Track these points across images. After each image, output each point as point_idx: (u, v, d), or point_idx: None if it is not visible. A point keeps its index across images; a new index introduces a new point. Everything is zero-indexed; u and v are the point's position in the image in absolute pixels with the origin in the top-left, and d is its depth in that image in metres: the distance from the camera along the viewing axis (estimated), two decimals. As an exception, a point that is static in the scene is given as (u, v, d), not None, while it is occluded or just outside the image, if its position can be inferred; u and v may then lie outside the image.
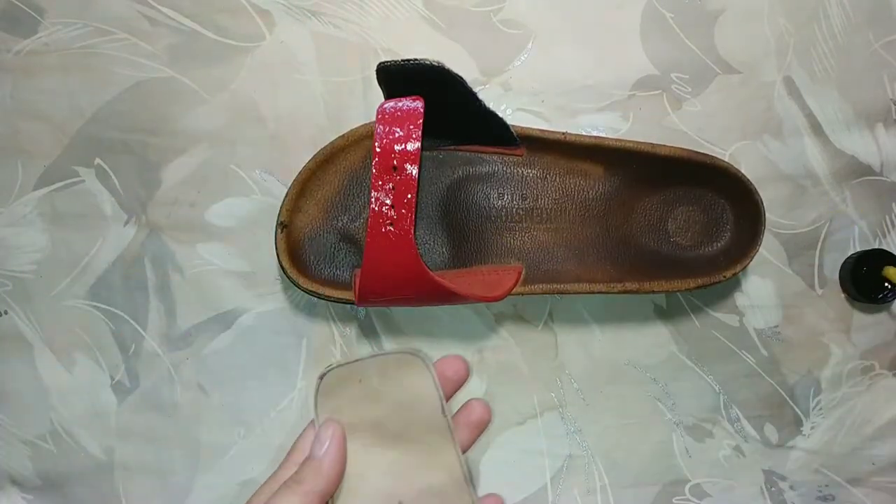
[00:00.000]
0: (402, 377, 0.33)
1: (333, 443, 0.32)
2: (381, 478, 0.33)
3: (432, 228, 0.43)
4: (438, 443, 0.33)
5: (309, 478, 0.31)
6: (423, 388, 0.33)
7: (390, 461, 0.33)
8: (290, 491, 0.31)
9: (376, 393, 0.33)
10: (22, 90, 0.45)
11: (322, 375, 0.33)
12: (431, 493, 0.33)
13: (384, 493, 0.33)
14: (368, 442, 0.33)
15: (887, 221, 0.46)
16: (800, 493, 0.47)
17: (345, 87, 0.45)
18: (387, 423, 0.33)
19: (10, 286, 0.46)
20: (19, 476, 0.46)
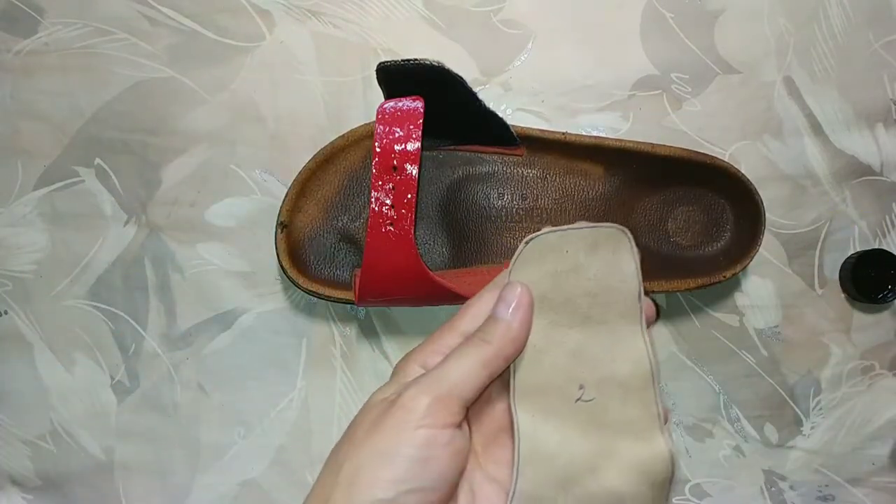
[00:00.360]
0: (608, 254, 0.31)
1: (523, 307, 0.31)
2: (564, 357, 0.31)
3: (432, 228, 0.43)
4: (629, 331, 0.31)
5: (497, 339, 0.30)
6: (624, 271, 0.31)
7: (577, 342, 0.31)
8: (476, 349, 0.30)
9: (579, 267, 0.31)
10: (22, 90, 0.45)
11: (528, 240, 0.31)
12: (614, 382, 0.31)
13: (566, 373, 0.31)
14: (556, 319, 0.31)
15: (887, 221, 0.46)
16: (800, 493, 0.47)
17: (345, 87, 0.45)
18: (580, 301, 0.31)
19: (10, 286, 0.46)
20: (19, 476, 0.46)
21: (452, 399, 0.29)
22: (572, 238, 0.31)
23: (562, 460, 0.31)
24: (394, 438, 0.28)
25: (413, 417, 0.28)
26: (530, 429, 0.31)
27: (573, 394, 0.31)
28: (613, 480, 0.31)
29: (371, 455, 0.28)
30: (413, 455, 0.27)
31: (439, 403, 0.28)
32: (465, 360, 0.29)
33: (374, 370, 0.45)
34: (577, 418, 0.31)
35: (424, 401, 0.28)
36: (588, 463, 0.31)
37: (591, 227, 0.31)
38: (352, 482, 0.27)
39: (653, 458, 0.31)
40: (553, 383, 0.31)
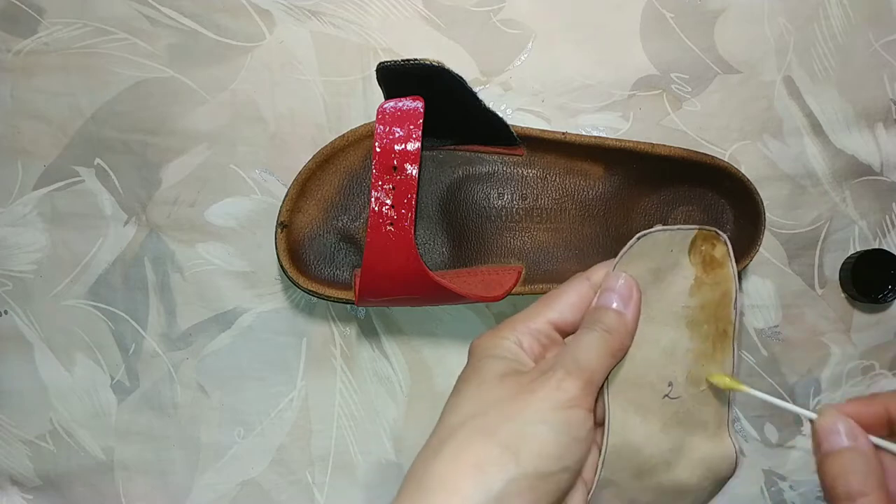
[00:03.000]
0: (706, 256, 0.32)
1: (635, 300, 0.31)
2: (658, 353, 0.32)
3: (432, 228, 0.43)
4: (719, 334, 0.32)
5: (618, 330, 0.30)
6: (722, 275, 0.32)
7: (671, 340, 0.32)
8: (603, 337, 0.30)
9: (679, 266, 0.32)
10: (22, 90, 0.45)
11: (641, 236, 0.32)
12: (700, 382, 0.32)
13: (657, 369, 0.32)
14: (653, 316, 0.32)
15: (887, 221, 0.46)
16: (800, 493, 0.47)
17: (345, 87, 0.45)
18: (678, 300, 0.32)
19: (10, 286, 0.46)
20: (19, 476, 0.46)
21: (594, 386, 0.29)
22: (678, 237, 0.32)
23: (644, 454, 0.32)
24: (552, 413, 0.27)
25: (567, 398, 0.28)
26: (621, 421, 0.31)
27: (662, 390, 0.32)
28: (683, 474, 0.32)
29: (532, 424, 0.27)
30: (573, 433, 0.27)
31: (588, 387, 0.28)
32: (598, 349, 0.29)
33: (374, 370, 0.45)
34: (661, 414, 0.32)
35: (576, 384, 0.28)
36: (665, 456, 0.32)
37: (692, 228, 0.32)
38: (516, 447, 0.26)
39: (720, 457, 0.32)
40: (645, 378, 0.32)
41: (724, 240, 0.32)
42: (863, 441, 0.27)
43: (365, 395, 0.45)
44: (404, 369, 0.45)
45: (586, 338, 0.30)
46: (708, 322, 0.32)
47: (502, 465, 0.26)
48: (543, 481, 0.26)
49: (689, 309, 0.32)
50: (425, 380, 0.45)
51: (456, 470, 0.26)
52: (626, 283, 0.31)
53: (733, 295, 0.32)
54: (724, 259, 0.32)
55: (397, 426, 0.46)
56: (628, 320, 0.31)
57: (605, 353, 0.30)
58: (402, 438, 0.46)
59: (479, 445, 0.27)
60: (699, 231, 0.32)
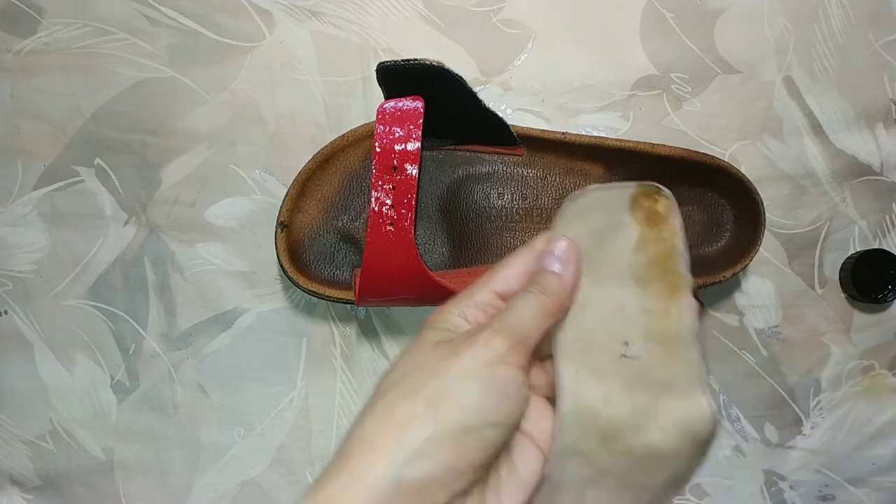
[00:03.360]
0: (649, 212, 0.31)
1: (573, 261, 0.31)
2: (608, 314, 0.31)
3: (432, 228, 0.43)
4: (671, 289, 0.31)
5: (555, 291, 0.30)
6: (667, 230, 0.31)
7: (621, 299, 0.31)
8: (537, 299, 0.30)
9: (620, 225, 0.31)
10: (22, 90, 0.45)
11: (574, 197, 0.31)
12: (659, 339, 0.31)
13: (610, 330, 0.31)
14: (600, 277, 0.31)
15: (887, 221, 0.46)
16: (800, 493, 0.47)
17: (345, 87, 0.45)
18: (624, 258, 0.31)
19: (10, 286, 0.46)
20: (19, 476, 0.46)
21: (526, 345, 0.29)
22: (614, 195, 0.32)
23: (604, 416, 0.31)
24: (480, 371, 0.28)
25: (495, 355, 0.28)
26: (573, 385, 0.31)
27: (617, 350, 0.31)
28: (654, 438, 0.31)
29: (456, 380, 0.28)
30: (499, 389, 0.28)
31: (518, 346, 0.29)
32: (530, 310, 0.30)
33: (374, 370, 0.45)
34: (620, 375, 0.31)
35: (504, 342, 0.28)
36: (630, 420, 0.31)
37: (629, 185, 0.32)
38: (437, 403, 0.27)
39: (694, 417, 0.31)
40: (597, 340, 0.31)
41: (666, 194, 0.31)
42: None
43: (365, 395, 0.45)
44: (404, 369, 0.45)
45: (521, 299, 0.30)
46: (657, 278, 0.31)
47: (424, 420, 0.27)
48: (467, 436, 0.27)
49: (635, 266, 0.31)
50: (425, 380, 0.45)
51: (380, 430, 0.27)
52: (566, 244, 0.31)
53: (680, 248, 0.31)
54: (667, 213, 0.31)
55: (397, 426, 0.46)
56: (566, 281, 0.31)
57: (538, 314, 0.30)
58: (402, 438, 0.46)
59: (403, 404, 0.27)
60: (640, 187, 0.32)
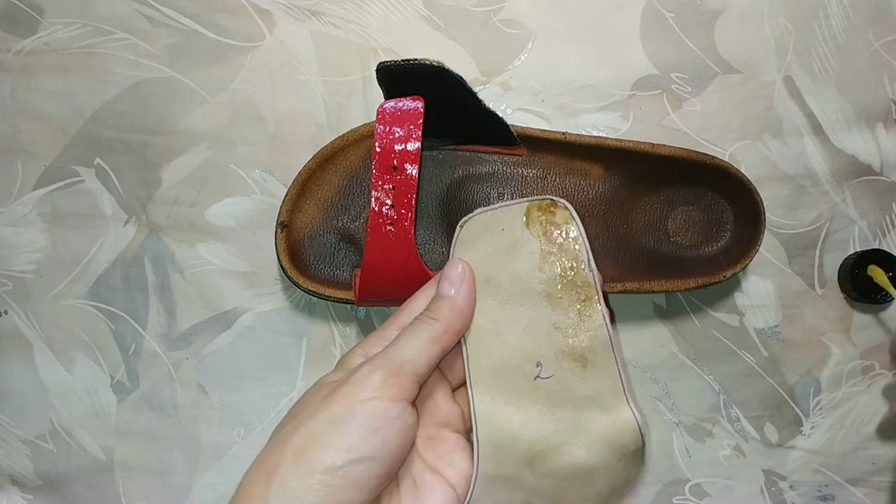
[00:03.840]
0: (547, 226, 0.31)
1: (466, 280, 0.31)
2: (517, 336, 0.31)
3: (432, 228, 0.43)
4: (582, 302, 0.31)
5: (445, 314, 0.31)
6: (568, 240, 0.31)
7: (529, 319, 0.31)
8: (424, 325, 0.30)
9: (518, 243, 0.31)
10: (22, 90, 0.45)
11: (463, 223, 0.31)
12: (573, 355, 0.31)
13: (521, 352, 0.31)
14: (505, 298, 0.31)
15: (887, 221, 0.46)
16: (800, 493, 0.47)
17: (345, 87, 0.45)
18: (528, 277, 0.31)
19: (10, 286, 0.46)
20: (19, 476, 0.46)
21: (405, 374, 0.29)
22: (503, 215, 0.31)
23: (525, 440, 0.30)
24: (346, 409, 0.28)
25: (365, 391, 0.29)
26: (489, 412, 0.31)
27: (531, 372, 0.31)
28: (580, 455, 0.30)
29: (323, 424, 0.28)
30: (365, 424, 0.28)
31: (392, 378, 0.29)
32: (415, 338, 0.30)
33: (374, 370, 0.45)
34: (537, 396, 0.31)
35: (378, 375, 0.29)
36: (552, 440, 0.30)
37: (521, 202, 0.31)
38: (302, 450, 0.28)
39: (620, 430, 0.30)
40: (509, 364, 0.31)
41: (562, 204, 0.31)
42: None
43: (365, 395, 0.45)
44: (404, 369, 0.45)
45: (407, 329, 0.31)
46: (565, 291, 0.31)
47: (289, 466, 0.28)
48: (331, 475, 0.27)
49: (542, 283, 0.31)
50: (425, 380, 0.45)
51: (253, 478, 0.28)
52: (453, 266, 0.32)
53: (584, 258, 0.31)
54: (566, 224, 0.31)
55: (397, 426, 0.46)
56: (457, 302, 0.31)
57: (424, 340, 0.30)
58: (402, 438, 0.46)
59: (274, 453, 0.29)
60: (531, 203, 0.31)
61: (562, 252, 0.31)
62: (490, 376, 0.31)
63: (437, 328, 0.30)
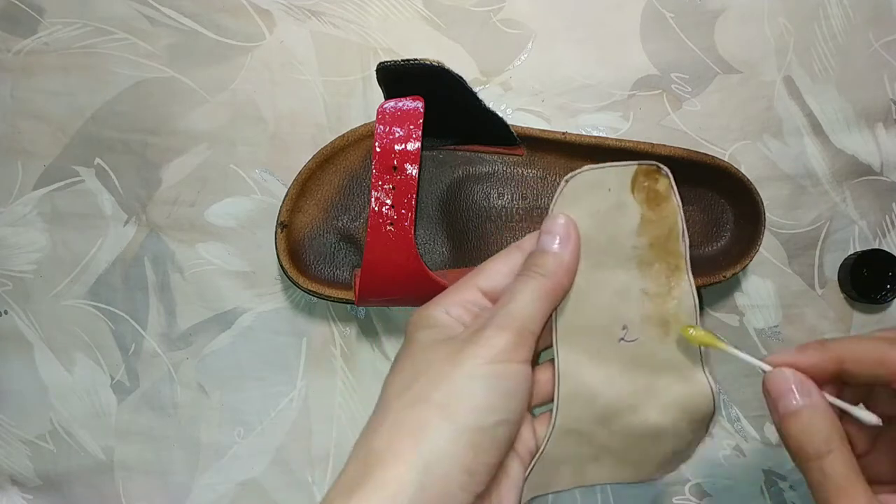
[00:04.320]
0: (649, 193, 0.31)
1: (572, 238, 0.30)
2: (608, 298, 0.31)
3: (432, 228, 0.43)
4: (672, 270, 0.31)
5: (552, 271, 0.30)
6: (667, 209, 0.31)
7: (621, 282, 0.31)
8: (535, 282, 0.29)
9: (622, 206, 0.31)
10: (22, 90, 0.45)
11: (568, 178, 0.31)
12: (659, 321, 0.31)
13: (610, 313, 0.31)
14: (601, 260, 0.31)
15: (887, 221, 0.46)
16: (800, 493, 0.47)
17: (345, 87, 0.45)
18: (624, 240, 0.31)
19: (10, 286, 0.46)
20: (19, 476, 0.46)
21: (528, 334, 0.29)
22: (612, 175, 0.31)
23: (603, 399, 0.31)
24: (484, 370, 0.28)
25: (498, 352, 0.28)
26: (572, 369, 0.31)
27: (616, 334, 0.31)
28: (654, 416, 0.31)
29: (465, 382, 0.27)
30: (504, 386, 0.28)
31: (520, 338, 0.28)
32: (529, 295, 0.29)
33: (374, 370, 0.45)
34: (619, 358, 0.31)
35: (507, 337, 0.28)
36: (629, 400, 0.31)
37: (630, 164, 0.31)
38: (450, 406, 0.27)
39: (694, 395, 0.31)
40: (597, 324, 0.31)
41: (665, 172, 0.31)
42: (816, 397, 0.27)
43: (365, 395, 0.45)
44: (404, 369, 0.45)
45: (519, 285, 0.30)
46: (658, 260, 0.31)
47: (438, 425, 0.26)
48: (481, 435, 0.27)
49: (637, 249, 0.31)
50: (425, 380, 0.45)
51: (396, 439, 0.27)
52: (564, 222, 0.31)
53: (680, 228, 0.31)
54: (667, 192, 0.31)
55: (397, 426, 0.46)
56: (565, 259, 0.30)
57: (538, 297, 0.29)
58: (402, 438, 0.46)
59: (415, 411, 0.27)
60: (639, 167, 0.31)
61: (661, 220, 0.31)
62: (576, 334, 0.31)
63: (547, 285, 0.30)
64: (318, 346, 0.45)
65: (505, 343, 0.28)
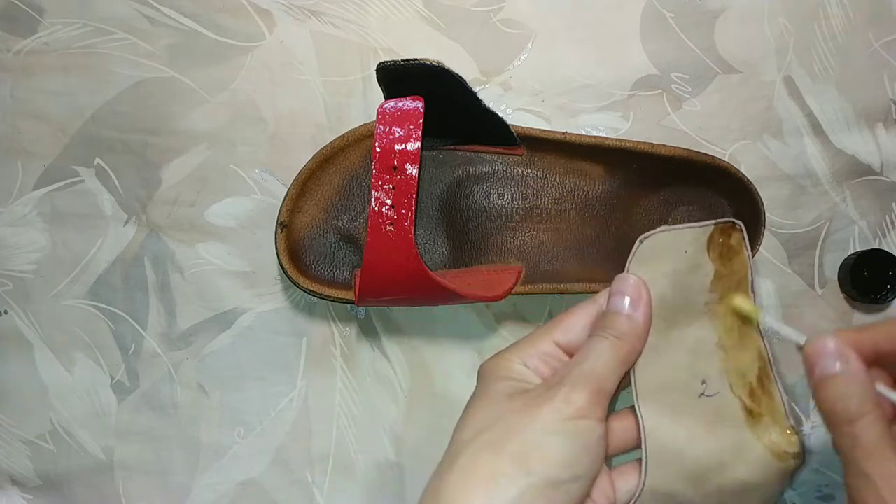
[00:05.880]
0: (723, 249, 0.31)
1: (644, 301, 0.30)
2: (685, 353, 0.31)
3: (432, 228, 0.43)
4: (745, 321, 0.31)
5: (627, 334, 0.30)
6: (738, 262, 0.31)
7: (696, 338, 0.31)
8: (611, 344, 0.29)
9: (698, 266, 0.31)
10: (22, 90, 0.45)
11: (643, 239, 0.31)
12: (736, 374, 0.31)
13: (687, 369, 0.31)
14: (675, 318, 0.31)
15: (887, 221, 0.46)
16: (800, 492, 0.46)
17: (345, 87, 0.45)
18: (697, 296, 0.31)
19: (10, 286, 0.46)
20: (19, 476, 0.46)
21: (603, 394, 0.29)
22: (689, 236, 0.31)
23: (689, 457, 0.31)
24: (560, 424, 0.28)
25: (575, 409, 0.28)
26: (656, 427, 0.31)
27: (696, 389, 0.31)
28: (742, 473, 0.31)
29: (540, 436, 0.27)
30: (581, 443, 0.28)
31: (596, 397, 0.28)
32: (604, 356, 0.29)
33: (374, 370, 0.45)
34: (701, 413, 0.31)
35: (583, 395, 0.28)
36: (716, 458, 0.31)
37: (707, 224, 0.31)
38: (524, 458, 0.27)
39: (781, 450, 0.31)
40: (676, 381, 0.31)
41: (739, 227, 0.31)
42: (854, 363, 0.27)
43: (365, 395, 0.45)
44: (404, 369, 0.45)
45: (595, 346, 0.30)
46: (728, 312, 0.31)
47: (513, 476, 0.26)
48: (555, 490, 0.27)
49: (709, 304, 0.31)
50: (425, 380, 0.45)
51: (468, 485, 0.26)
52: (635, 284, 0.31)
53: (750, 278, 0.31)
54: (739, 246, 0.31)
55: (397, 426, 0.46)
56: (639, 323, 0.30)
57: (614, 360, 0.29)
58: (402, 438, 0.46)
59: (490, 459, 0.27)
60: (716, 226, 0.31)
61: (731, 273, 0.31)
62: (656, 392, 0.31)
63: (623, 348, 0.30)
64: (318, 346, 0.45)
65: (581, 400, 0.28)
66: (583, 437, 0.28)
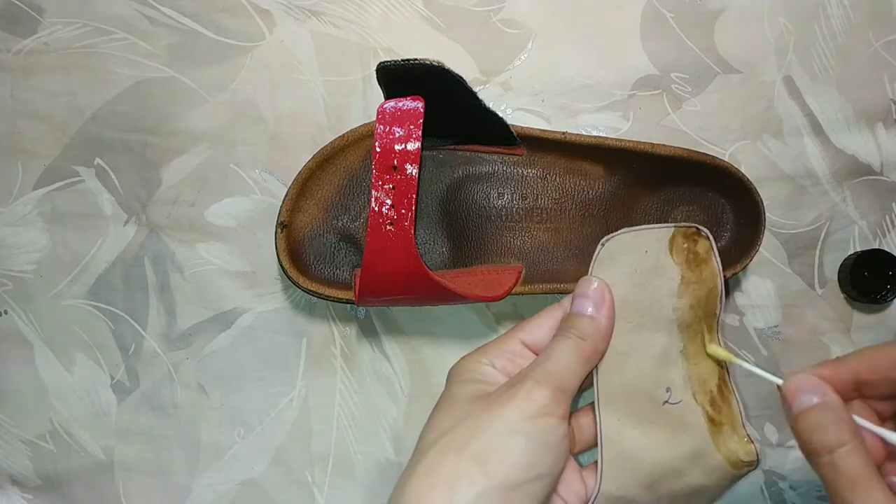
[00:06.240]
0: (689, 255, 0.31)
1: (607, 302, 0.30)
2: (651, 360, 0.31)
3: (432, 228, 0.43)
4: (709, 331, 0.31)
5: (589, 335, 0.30)
6: (707, 272, 0.31)
7: (663, 345, 0.31)
8: (574, 343, 0.30)
9: (660, 268, 0.31)
10: (22, 90, 0.45)
11: (605, 241, 0.31)
12: (699, 382, 0.31)
13: (652, 376, 0.31)
14: (641, 322, 0.31)
15: (887, 221, 0.46)
16: (800, 493, 0.47)
17: (345, 87, 0.45)
18: (664, 303, 0.31)
19: (10, 286, 0.46)
20: (19, 476, 0.46)
21: (565, 392, 0.29)
22: (649, 238, 0.31)
23: (648, 464, 0.31)
24: (520, 424, 0.28)
25: (536, 407, 0.28)
26: (615, 434, 0.31)
27: (661, 397, 0.31)
28: (699, 479, 0.31)
29: (499, 436, 0.27)
30: (542, 441, 0.28)
31: (559, 395, 0.29)
32: (566, 355, 0.30)
33: (374, 370, 0.45)
34: (663, 421, 0.31)
35: (545, 393, 0.28)
36: (674, 465, 0.31)
37: (667, 226, 0.31)
38: (484, 459, 0.27)
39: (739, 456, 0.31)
40: (639, 387, 0.31)
41: (705, 234, 0.31)
42: (830, 395, 0.27)
43: (365, 395, 0.45)
44: (404, 369, 0.45)
45: (558, 345, 0.30)
46: (696, 321, 0.31)
47: (472, 477, 0.26)
48: (514, 491, 0.27)
49: (678, 311, 0.31)
50: (425, 380, 0.45)
51: (428, 487, 0.27)
52: (598, 286, 0.31)
53: (720, 290, 0.31)
54: (707, 254, 0.31)
55: (397, 426, 0.46)
56: (601, 324, 0.30)
57: (577, 359, 0.30)
58: (402, 438, 0.46)
59: (451, 461, 0.27)
60: (677, 229, 0.31)
61: (700, 282, 0.31)
62: (619, 398, 0.31)
63: (586, 348, 0.30)
64: (318, 346, 0.45)
65: (544, 398, 0.28)
66: (544, 436, 0.28)
